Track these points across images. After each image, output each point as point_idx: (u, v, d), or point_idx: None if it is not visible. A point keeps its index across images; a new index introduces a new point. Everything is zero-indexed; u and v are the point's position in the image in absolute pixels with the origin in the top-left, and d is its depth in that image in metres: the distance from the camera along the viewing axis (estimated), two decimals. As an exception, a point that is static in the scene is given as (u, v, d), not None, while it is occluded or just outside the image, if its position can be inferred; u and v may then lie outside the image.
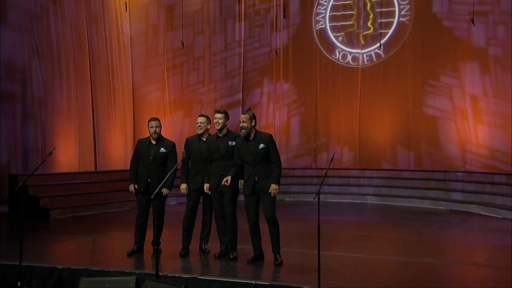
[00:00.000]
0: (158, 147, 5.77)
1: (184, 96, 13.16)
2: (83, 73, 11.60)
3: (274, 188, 5.16)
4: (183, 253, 5.68)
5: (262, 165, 5.24)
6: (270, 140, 5.29)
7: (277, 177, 5.23)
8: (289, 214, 9.37)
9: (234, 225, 5.46)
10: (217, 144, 5.52)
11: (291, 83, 13.05)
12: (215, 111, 5.61)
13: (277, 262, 5.21)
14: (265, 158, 5.24)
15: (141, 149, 5.85)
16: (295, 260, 5.44)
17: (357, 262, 5.50)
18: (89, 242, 6.83)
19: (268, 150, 5.24)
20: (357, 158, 12.48)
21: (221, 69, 13.17)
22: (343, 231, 7.68)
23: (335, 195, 11.64)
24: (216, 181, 5.47)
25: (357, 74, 12.51)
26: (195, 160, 5.70)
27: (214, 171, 5.51)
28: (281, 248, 5.31)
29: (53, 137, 10.76)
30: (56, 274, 5.05)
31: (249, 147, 5.23)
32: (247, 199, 5.31)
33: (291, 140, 12.99)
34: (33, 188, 9.22)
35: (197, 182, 5.68)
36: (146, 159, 5.77)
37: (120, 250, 5.95)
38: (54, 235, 7.26)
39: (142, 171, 5.80)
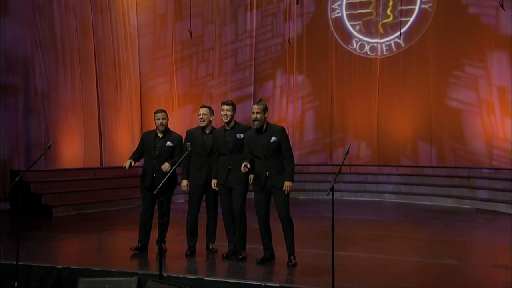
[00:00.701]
0: (164, 140, 5.72)
1: (193, 90, 13.12)
2: (88, 65, 11.59)
3: (288, 185, 5.07)
4: (189, 252, 5.61)
5: (273, 159, 5.14)
6: (282, 133, 5.19)
7: (291, 173, 5.13)
8: (302, 212, 9.34)
9: (243, 223, 5.37)
10: (224, 137, 5.43)
11: (305, 75, 12.99)
12: (222, 102, 5.51)
13: (291, 264, 5.11)
14: (277, 152, 5.14)
15: (147, 142, 5.79)
16: (308, 261, 5.37)
17: (375, 263, 5.44)
18: (92, 241, 6.80)
19: (280, 144, 5.13)
20: (375, 154, 12.40)
21: (232, 61, 13.13)
22: (360, 230, 7.61)
23: (351, 193, 11.59)
24: (224, 176, 5.38)
25: (376, 65, 12.41)
26: (198, 154, 5.60)
27: (222, 166, 5.41)
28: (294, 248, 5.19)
29: (57, 132, 10.77)
30: (55, 274, 5.00)
31: (260, 140, 5.13)
32: (258, 196, 5.21)
33: (305, 135, 12.95)
34: (35, 184, 9.23)
35: (200, 177, 5.60)
36: (151, 153, 5.72)
37: (124, 250, 5.91)
38: (56, 234, 7.27)
39: (147, 165, 5.75)
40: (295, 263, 5.12)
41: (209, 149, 5.57)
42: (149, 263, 5.37)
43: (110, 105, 12.11)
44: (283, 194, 5.09)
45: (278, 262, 5.23)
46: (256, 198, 5.21)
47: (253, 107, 5.16)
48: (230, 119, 5.42)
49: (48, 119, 10.59)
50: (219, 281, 4.67)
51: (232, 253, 5.51)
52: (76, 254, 6.02)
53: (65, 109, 10.97)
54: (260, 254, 5.35)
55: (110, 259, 5.77)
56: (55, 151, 10.74)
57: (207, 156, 5.58)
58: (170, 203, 5.81)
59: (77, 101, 11.28)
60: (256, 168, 5.20)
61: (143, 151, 5.84)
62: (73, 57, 11.21)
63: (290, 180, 5.10)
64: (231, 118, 5.42)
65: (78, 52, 11.31)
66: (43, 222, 8.20)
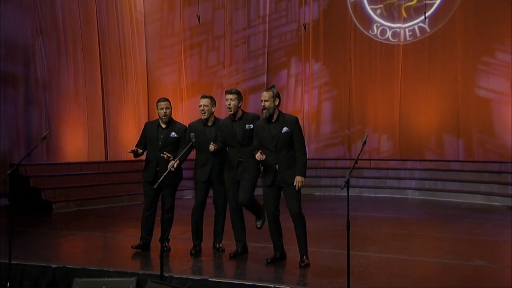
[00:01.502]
0: (168, 131, 5.66)
1: (202, 79, 13.09)
2: (92, 54, 11.56)
3: (300, 181, 4.96)
4: (194, 252, 5.54)
5: (284, 152, 5.03)
6: (295, 124, 5.07)
7: (303, 167, 5.01)
8: (318, 209, 9.32)
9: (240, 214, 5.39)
10: (232, 129, 5.32)
11: (322, 63, 12.91)
12: (225, 91, 5.39)
13: (303, 264, 5.01)
14: (288, 144, 5.03)
15: (149, 133, 5.73)
16: (322, 261, 5.30)
17: (395, 264, 5.34)
18: (92, 238, 6.79)
19: (292, 135, 5.01)
20: (397, 147, 12.32)
21: (244, 49, 13.09)
22: (380, 229, 7.54)
23: (371, 189, 11.53)
24: (234, 170, 5.30)
25: (398, 51, 12.28)
26: (201, 149, 5.51)
27: (231, 159, 5.33)
28: (309, 248, 5.11)
29: (59, 124, 10.77)
30: (50, 274, 4.96)
31: (270, 130, 5.02)
32: (267, 191, 5.11)
33: (321, 127, 12.90)
34: (34, 179, 9.25)
35: (204, 173, 5.52)
36: (154, 145, 5.66)
37: (126, 248, 5.91)
38: (54, 231, 7.25)
39: (150, 158, 5.70)
40: (307, 264, 5.03)
41: (212, 143, 5.44)
42: (151, 263, 5.32)
43: (115, 95, 12.09)
44: (294, 189, 4.99)
45: (290, 262, 5.16)
46: (265, 193, 5.11)
47: (262, 94, 5.05)
48: (235, 109, 5.30)
49: (50, 111, 10.58)
50: (224, 282, 4.59)
51: (240, 252, 5.44)
52: (74, 253, 6.00)
53: (67, 100, 10.96)
54: (270, 253, 5.26)
55: (109, 258, 5.74)
56: (58, 145, 10.76)
57: (212, 151, 5.45)
58: (174, 198, 5.76)
59: (80, 92, 11.26)
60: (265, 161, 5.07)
61: (146, 143, 5.76)
62: (76, 45, 11.19)
63: (301, 175, 4.99)
64: (235, 109, 5.30)
65: (81, 39, 11.29)
66: (42, 219, 8.22)
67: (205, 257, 5.44)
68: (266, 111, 4.98)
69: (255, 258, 5.33)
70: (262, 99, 5.00)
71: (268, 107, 4.98)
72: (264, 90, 5.10)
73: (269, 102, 4.97)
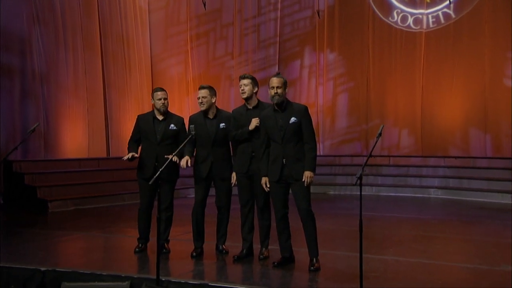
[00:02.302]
0: (167, 123, 5.60)
1: (210, 71, 13.09)
2: (93, 44, 11.55)
3: (309, 176, 4.86)
4: (195, 254, 5.46)
5: (292, 144, 4.92)
6: (304, 113, 4.95)
7: (312, 161, 4.90)
8: (332, 209, 9.34)
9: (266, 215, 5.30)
10: (246, 118, 5.25)
11: (337, 53, 12.88)
12: (240, 77, 5.33)
13: (313, 268, 4.89)
14: (296, 135, 4.92)
15: (145, 126, 5.66)
16: (334, 265, 5.20)
17: (415, 269, 5.21)
18: (88, 239, 6.74)
19: (300, 126, 4.90)
20: (418, 143, 12.26)
21: (254, 38, 13.09)
22: (399, 230, 7.45)
23: (390, 187, 11.44)
24: (247, 164, 5.23)
25: (420, 40, 12.19)
26: (201, 143, 5.45)
27: (243, 152, 5.27)
28: (319, 250, 5.01)
29: (58, 118, 10.75)
30: (39, 278, 4.88)
31: (277, 120, 4.92)
32: (273, 187, 5.00)
33: (337, 121, 12.86)
34: (30, 176, 9.24)
35: (204, 170, 5.44)
36: (152, 139, 5.60)
37: (123, 250, 5.93)
38: (49, 231, 7.22)
39: (147, 153, 5.65)
40: (317, 267, 4.91)
41: (213, 137, 5.40)
42: (148, 266, 5.25)
43: (118, 88, 12.08)
44: (302, 185, 4.88)
45: (298, 266, 5.05)
46: (271, 189, 5.01)
47: (272, 80, 4.92)
48: (249, 94, 5.23)
49: (48, 104, 10.57)
50: (226, 287, 4.50)
51: (245, 254, 5.33)
52: (67, 255, 5.96)
53: (66, 92, 10.95)
54: (277, 256, 5.15)
55: (105, 260, 5.68)
56: (56, 140, 10.77)
57: (212, 146, 5.41)
58: (173, 195, 5.70)
59: (80, 84, 11.24)
60: (271, 153, 4.98)
61: (140, 138, 5.70)
62: (75, 35, 11.17)
63: (311, 169, 4.87)
64: (250, 94, 5.23)
65: (81, 29, 11.27)
66: (36, 218, 8.20)
67: (207, 259, 5.37)
68: (278, 97, 4.87)
69: (261, 261, 5.25)
70: (273, 85, 4.88)
71: (281, 94, 4.88)
72: (274, 76, 4.99)
73: (281, 89, 4.88)
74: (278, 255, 5.13)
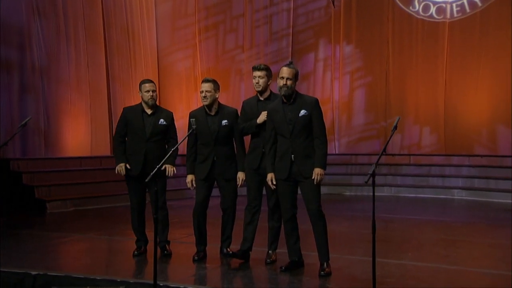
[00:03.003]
0: (156, 117, 5.58)
1: (219, 65, 13.07)
2: (96, 36, 11.53)
3: (318, 174, 4.73)
4: (197, 258, 5.40)
5: (301, 139, 4.80)
6: (315, 106, 4.83)
7: (322, 158, 4.78)
8: (348, 211, 9.27)
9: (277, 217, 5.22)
10: (257, 110, 5.17)
11: (354, 45, 12.81)
12: (253, 67, 5.23)
13: (323, 273, 4.76)
14: (306, 129, 4.80)
15: (132, 120, 5.59)
16: (346, 270, 5.11)
17: (435, 274, 5.08)
18: (85, 242, 6.70)
19: (310, 119, 4.78)
20: (441, 141, 12.18)
21: (266, 30, 13.01)
22: (420, 234, 7.33)
23: (410, 188, 11.37)
24: (258, 160, 5.14)
25: (443, 30, 12.07)
26: (202, 141, 5.38)
27: (255, 147, 5.20)
28: (331, 254, 4.90)
29: (59, 115, 10.74)
30: (29, 282, 4.82)
31: (286, 113, 4.81)
32: (281, 185, 4.89)
33: (354, 118, 12.80)
34: (28, 175, 9.19)
35: (204, 170, 5.37)
36: (140, 134, 5.55)
37: (122, 253, 5.93)
38: (44, 233, 7.20)
39: (134, 149, 5.58)
40: (328, 272, 4.79)
41: (215, 134, 5.32)
42: (146, 270, 5.17)
43: (122, 83, 12.06)
44: (312, 183, 4.75)
45: (308, 270, 4.97)
46: (279, 188, 4.90)
47: (282, 70, 4.80)
48: (264, 87, 5.15)
49: (48, 99, 10.55)
50: None
51: (242, 254, 5.23)
52: (61, 258, 5.89)
53: (68, 87, 10.93)
54: (285, 259, 5.05)
55: (101, 264, 5.60)
56: (57, 137, 10.75)
57: (214, 144, 5.33)
58: (165, 193, 5.66)
59: (83, 78, 11.22)
60: (279, 149, 4.87)
61: (127, 133, 5.61)
62: (78, 27, 11.15)
63: (321, 166, 4.75)
64: (265, 86, 5.16)
65: (83, 20, 11.26)
66: (33, 220, 8.20)
67: (210, 264, 5.30)
68: (287, 89, 4.75)
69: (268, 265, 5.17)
70: (282, 75, 4.77)
71: (290, 85, 4.76)
72: (285, 65, 4.87)
73: (291, 80, 4.76)
74: (286, 259, 5.02)
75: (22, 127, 5.32)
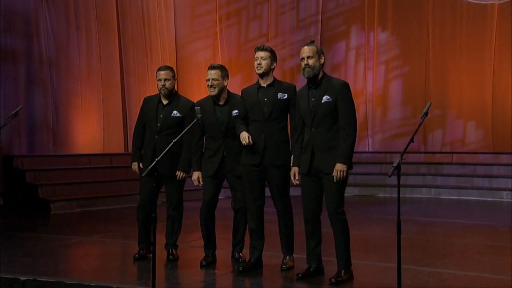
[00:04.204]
0: (170, 109, 5.43)
1: (242, 55, 12.98)
2: (108, 25, 11.52)
3: (339, 170, 4.48)
4: (205, 263, 5.26)
5: (323, 129, 4.57)
6: (342, 90, 4.57)
7: (346, 152, 4.50)
8: (381, 214, 9.12)
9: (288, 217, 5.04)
10: (258, 98, 4.95)
11: (390, 31, 12.68)
12: (256, 48, 5.05)
13: (333, 281, 4.53)
14: (329, 118, 4.56)
15: (148, 111, 5.52)
16: (374, 278, 4.96)
17: (474, 284, 4.86)
18: (87, 245, 6.69)
19: (335, 106, 4.53)
20: (488, 137, 12.02)
21: (292, 16, 12.93)
22: (461, 239, 7.13)
23: (453, 189, 11.17)
24: (259, 154, 4.90)
25: (492, 14, 11.85)
26: (210, 134, 5.25)
27: (255, 139, 4.93)
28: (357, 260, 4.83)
29: (68, 109, 10.74)
30: None
31: (310, 98, 4.62)
32: (303, 180, 4.70)
33: (389, 113, 12.64)
34: (31, 173, 9.19)
35: (211, 166, 5.21)
36: (152, 126, 5.47)
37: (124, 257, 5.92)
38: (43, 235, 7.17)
39: (147, 144, 5.52)
40: (344, 279, 4.58)
41: (225, 126, 5.14)
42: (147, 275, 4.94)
43: (137, 76, 12.04)
44: (332, 180, 4.51)
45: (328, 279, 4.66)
46: (302, 183, 4.71)
47: (303, 50, 4.60)
48: (266, 69, 4.93)
49: (57, 93, 10.56)
50: None
51: (253, 265, 5.02)
52: (58, 263, 5.72)
53: (78, 80, 10.93)
54: (302, 266, 4.85)
55: (99, 269, 5.50)
56: (66, 134, 10.76)
57: (223, 137, 5.15)
58: (181, 193, 5.50)
59: (94, 70, 11.23)
60: (304, 140, 4.70)
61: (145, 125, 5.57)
62: (89, 15, 11.15)
63: (343, 162, 4.48)
64: (267, 69, 4.94)
65: (95, 8, 11.25)
66: (35, 221, 8.21)
67: (220, 269, 5.18)
68: (309, 69, 4.54)
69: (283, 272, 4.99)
70: (303, 56, 4.59)
71: (313, 65, 4.53)
72: (306, 44, 4.66)
73: (313, 59, 4.54)
74: (304, 265, 4.80)
75: (12, 117, 5.28)
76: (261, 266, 5.06)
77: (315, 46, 4.61)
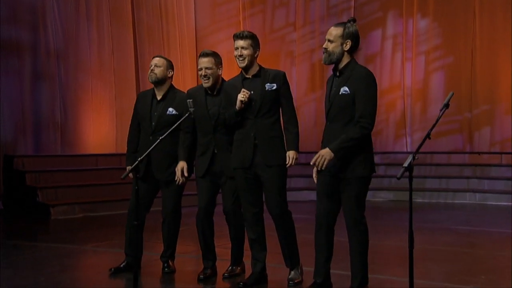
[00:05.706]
0: (165, 105, 5.22)
1: (267, 46, 12.79)
2: (122, 16, 11.55)
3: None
4: (203, 276, 5.11)
5: (340, 124, 4.32)
6: (363, 80, 4.26)
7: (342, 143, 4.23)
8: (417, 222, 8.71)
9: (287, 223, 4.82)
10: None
11: (431, 18, 12.57)
12: (234, 35, 4.81)
13: None
14: (346, 113, 4.28)
15: (141, 109, 5.36)
16: None
17: None
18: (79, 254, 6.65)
19: (353, 98, 4.25)
20: None
21: (322, 3, 12.97)
22: (505, 252, 6.70)
23: (500, 194, 10.91)
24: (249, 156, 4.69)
25: None
26: (201, 128, 5.04)
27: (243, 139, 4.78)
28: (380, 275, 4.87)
29: (78, 106, 10.78)
30: None
31: (331, 89, 4.44)
32: (320, 179, 4.44)
33: (430, 108, 12.45)
34: (32, 174, 9.20)
35: (202, 165, 5.02)
36: (146, 125, 5.30)
37: None
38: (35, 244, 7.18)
39: (141, 145, 5.35)
40: None
41: (215, 119, 4.92)
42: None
43: (154, 69, 11.99)
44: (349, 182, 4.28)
45: None
46: (318, 181, 4.45)
47: (328, 32, 4.32)
48: (249, 61, 4.70)
49: (66, 89, 10.60)
50: None
51: (256, 279, 4.78)
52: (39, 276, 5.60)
53: (89, 75, 10.98)
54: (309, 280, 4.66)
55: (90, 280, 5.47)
56: (75, 132, 10.80)
57: (213, 132, 4.94)
58: (177, 200, 5.30)
59: (106, 65, 11.27)
60: None
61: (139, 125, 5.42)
62: (101, 5, 11.20)
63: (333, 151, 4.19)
64: (250, 60, 4.70)
65: (107, -3, 11.46)
66: (33, 227, 8.22)
67: (220, 284, 5.07)
68: (326, 55, 4.29)
69: None
70: (326, 37, 4.33)
71: (332, 51, 4.26)
72: (334, 25, 4.38)
73: (334, 43, 4.26)
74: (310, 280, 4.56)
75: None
76: (265, 280, 4.85)
77: (343, 27, 4.28)
